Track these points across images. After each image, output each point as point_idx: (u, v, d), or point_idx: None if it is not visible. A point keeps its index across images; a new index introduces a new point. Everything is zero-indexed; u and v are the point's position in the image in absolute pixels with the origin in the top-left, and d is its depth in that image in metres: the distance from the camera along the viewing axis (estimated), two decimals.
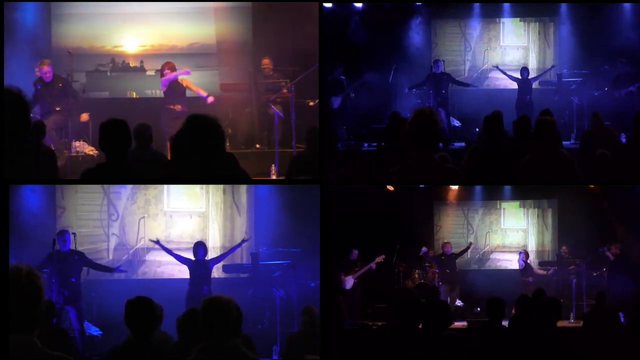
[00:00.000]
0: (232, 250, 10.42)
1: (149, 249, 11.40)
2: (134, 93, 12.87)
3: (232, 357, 3.87)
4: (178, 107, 10.70)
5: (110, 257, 11.30)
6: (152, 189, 11.54)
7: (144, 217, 11.45)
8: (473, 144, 9.04)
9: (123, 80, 12.71)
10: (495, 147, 7.08)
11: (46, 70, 10.64)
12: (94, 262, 9.57)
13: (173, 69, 10.91)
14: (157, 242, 10.15)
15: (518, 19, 14.84)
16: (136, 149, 7.23)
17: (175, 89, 10.85)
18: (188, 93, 11.06)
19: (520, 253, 12.13)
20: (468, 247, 12.27)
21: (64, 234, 9.14)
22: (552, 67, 14.10)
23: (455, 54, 14.80)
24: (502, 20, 14.85)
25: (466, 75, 14.71)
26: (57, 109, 10.59)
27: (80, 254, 9.27)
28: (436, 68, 12.98)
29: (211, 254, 10.37)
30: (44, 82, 10.62)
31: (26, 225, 10.06)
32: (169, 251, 10.00)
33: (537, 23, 14.91)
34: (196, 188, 11.57)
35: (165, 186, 11.52)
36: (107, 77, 12.63)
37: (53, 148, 9.33)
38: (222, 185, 11.47)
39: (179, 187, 11.53)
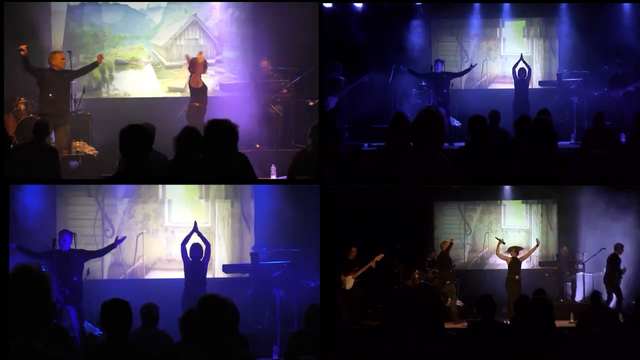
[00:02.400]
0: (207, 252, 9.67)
1: (147, 269, 11.19)
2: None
3: (226, 356, 3.88)
4: (201, 104, 10.64)
5: (105, 276, 11.04)
6: (152, 203, 11.24)
7: (142, 233, 11.12)
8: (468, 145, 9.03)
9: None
10: (480, 148, 7.05)
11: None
12: (95, 251, 9.51)
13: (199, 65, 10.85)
14: (195, 229, 9.56)
15: (522, 22, 14.69)
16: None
17: (198, 88, 10.79)
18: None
19: None
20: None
21: (63, 234, 9.14)
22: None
23: (453, 60, 14.70)
24: (502, 34, 14.71)
25: (464, 78, 14.66)
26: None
27: (80, 251, 9.26)
28: (436, 68, 13.02)
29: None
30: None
31: (26, 226, 10.07)
32: (186, 240, 9.46)
33: (538, 29, 14.80)
34: (201, 201, 11.30)
35: (167, 199, 11.24)
36: None
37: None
38: (229, 199, 11.32)
39: (181, 200, 11.24)
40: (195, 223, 9.65)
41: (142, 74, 13.20)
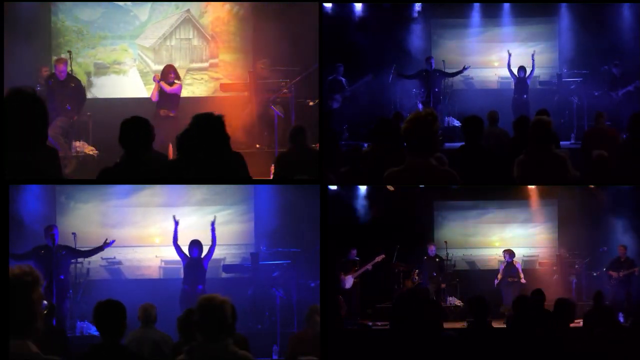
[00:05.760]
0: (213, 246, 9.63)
1: None
2: None
3: (221, 356, 3.90)
4: (170, 113, 10.60)
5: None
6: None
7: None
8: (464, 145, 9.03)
9: None
10: (476, 149, 7.03)
11: (62, 68, 10.45)
12: (82, 250, 9.40)
13: (177, 75, 10.79)
14: (177, 223, 9.51)
15: None
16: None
17: (167, 95, 10.75)
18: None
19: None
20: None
21: (52, 229, 9.05)
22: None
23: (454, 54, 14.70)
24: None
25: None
26: (68, 107, 10.42)
27: (67, 248, 9.20)
28: (428, 66, 13.04)
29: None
30: (58, 80, 10.46)
31: (25, 226, 10.06)
32: (176, 237, 9.45)
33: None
34: None
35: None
36: None
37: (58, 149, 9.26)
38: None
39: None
40: (175, 217, 9.56)
41: (127, 80, 12.27)
